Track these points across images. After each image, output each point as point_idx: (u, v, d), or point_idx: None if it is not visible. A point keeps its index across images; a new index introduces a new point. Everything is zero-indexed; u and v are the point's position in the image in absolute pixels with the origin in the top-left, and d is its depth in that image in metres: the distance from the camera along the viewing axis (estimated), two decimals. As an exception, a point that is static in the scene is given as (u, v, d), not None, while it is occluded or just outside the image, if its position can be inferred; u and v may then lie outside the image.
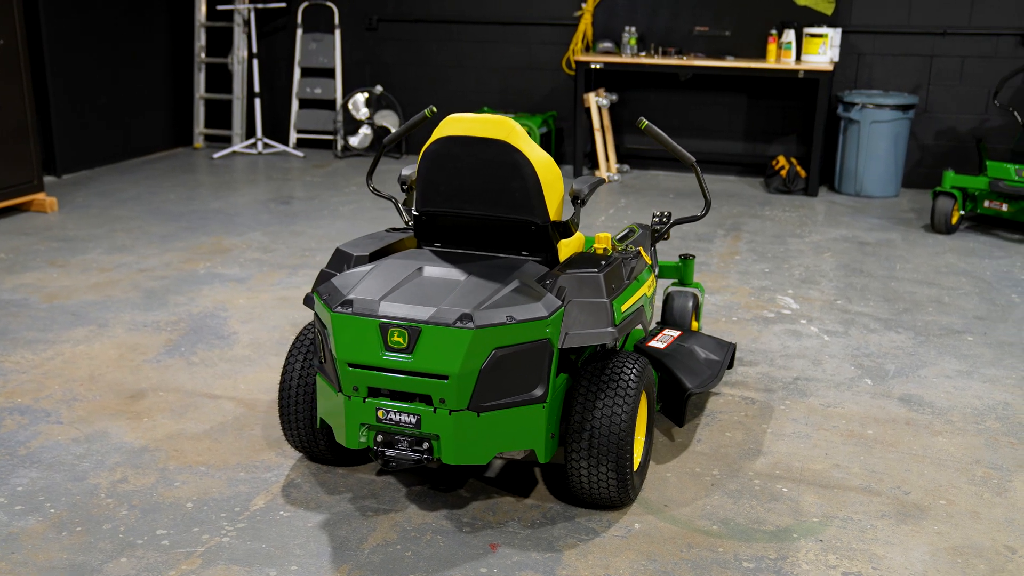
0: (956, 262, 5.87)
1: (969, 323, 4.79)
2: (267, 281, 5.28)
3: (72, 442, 3.44)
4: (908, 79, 7.85)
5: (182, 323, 4.62)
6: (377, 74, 9.09)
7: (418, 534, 2.89)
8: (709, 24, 8.05)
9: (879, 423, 3.68)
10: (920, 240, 6.38)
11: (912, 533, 2.94)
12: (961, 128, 7.84)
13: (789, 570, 2.74)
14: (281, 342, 4.40)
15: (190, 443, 3.44)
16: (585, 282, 2.92)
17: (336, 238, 6.16)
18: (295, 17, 9.14)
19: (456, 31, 8.79)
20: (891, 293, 5.24)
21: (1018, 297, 5.20)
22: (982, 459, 3.41)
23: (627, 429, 2.85)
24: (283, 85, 9.36)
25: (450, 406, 2.68)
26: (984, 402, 3.88)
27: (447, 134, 3.05)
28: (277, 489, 3.14)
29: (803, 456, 3.41)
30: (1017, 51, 7.60)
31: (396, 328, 2.67)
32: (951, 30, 7.66)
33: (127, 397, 3.81)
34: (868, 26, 7.84)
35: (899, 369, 4.19)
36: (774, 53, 7.76)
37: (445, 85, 8.94)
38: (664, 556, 2.80)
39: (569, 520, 2.98)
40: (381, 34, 9.00)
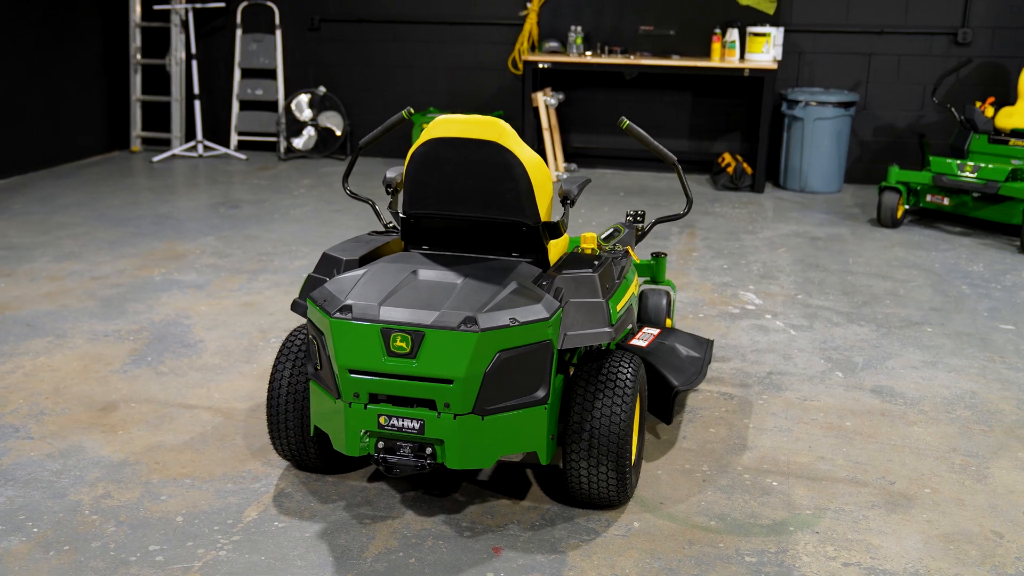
0: (905, 255, 6.02)
1: (926, 315, 4.92)
2: (227, 287, 5.18)
3: (46, 458, 3.33)
4: (847, 77, 8.03)
5: (145, 332, 4.51)
6: (320, 75, 8.98)
7: (419, 540, 2.86)
8: (654, 23, 8.13)
9: (855, 415, 3.75)
10: (868, 234, 6.53)
11: (903, 522, 3.00)
12: (899, 124, 8.05)
13: (791, 563, 2.78)
14: (250, 349, 4.32)
15: (171, 455, 3.36)
16: (581, 282, 2.93)
17: (291, 242, 6.07)
18: (234, 17, 8.98)
19: (401, 31, 8.73)
20: (848, 287, 5.35)
21: (968, 288, 5.36)
22: (958, 447, 3.50)
23: (626, 428, 2.86)
24: (223, 86, 9.19)
25: (455, 410, 2.66)
26: (952, 391, 3.98)
27: (436, 135, 3.02)
28: (268, 499, 3.08)
29: (787, 450, 3.46)
30: (950, 49, 7.83)
31: (399, 333, 2.64)
32: (888, 29, 7.86)
33: (98, 410, 3.70)
34: (808, 25, 8.00)
35: (867, 361, 4.28)
36: (718, 52, 7.87)
37: (390, 86, 8.87)
38: (667, 553, 2.81)
39: (568, 521, 2.98)
40: (324, 34, 8.89)
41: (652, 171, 8.58)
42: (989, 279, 5.53)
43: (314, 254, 5.80)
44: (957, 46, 7.79)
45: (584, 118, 8.58)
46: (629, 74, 8.21)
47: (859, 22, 7.91)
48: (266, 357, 4.23)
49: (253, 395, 3.85)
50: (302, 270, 5.47)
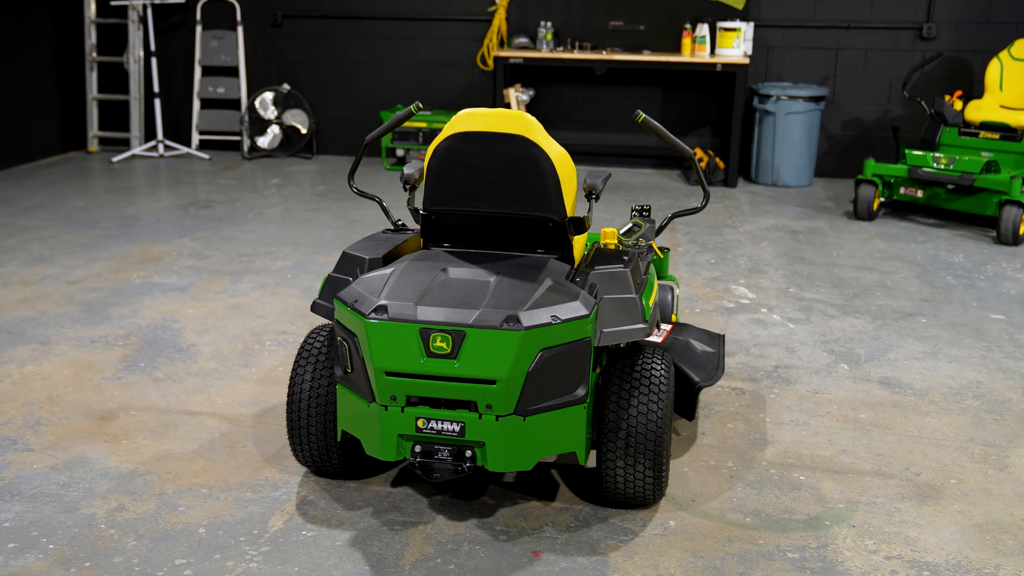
0: (886, 247, 6.07)
1: (918, 306, 4.95)
2: (211, 289, 5.03)
3: (51, 470, 3.18)
4: (815, 71, 8.09)
5: (133, 337, 4.35)
6: (284, 72, 8.81)
7: (455, 546, 2.78)
8: (623, 19, 8.11)
9: (869, 407, 3.75)
10: (846, 227, 6.58)
11: (935, 514, 3.00)
12: (866, 118, 8.13)
13: (833, 558, 2.75)
14: (246, 353, 4.19)
15: (181, 464, 3.23)
16: (614, 278, 2.87)
17: (270, 242, 5.93)
18: (194, 13, 8.77)
19: (366, 27, 8.60)
20: (836, 279, 5.38)
21: (953, 279, 5.42)
22: (975, 437, 3.52)
23: (664, 426, 2.82)
24: (183, 84, 8.97)
25: (497, 411, 2.59)
26: (957, 382, 4.01)
27: (460, 130, 2.94)
28: (291, 507, 2.97)
29: (808, 443, 3.45)
30: (915, 44, 7.93)
31: (438, 333, 2.56)
32: (855, 24, 7.94)
33: (97, 419, 3.56)
34: (776, 20, 8.04)
35: (869, 353, 4.30)
36: (689, 47, 7.88)
37: (356, 83, 8.74)
38: (709, 552, 2.77)
39: (603, 521, 2.92)
40: (287, 31, 8.73)
41: (624, 167, 8.57)
42: (971, 270, 5.60)
43: (295, 254, 5.67)
44: (922, 40, 7.90)
45: (554, 115, 8.53)
46: (599, 70, 8.18)
47: (826, 17, 7.97)
48: (264, 361, 4.11)
49: (257, 400, 3.73)
50: (285, 271, 5.35)
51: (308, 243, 5.93)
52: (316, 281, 5.18)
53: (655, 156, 8.51)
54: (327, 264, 5.48)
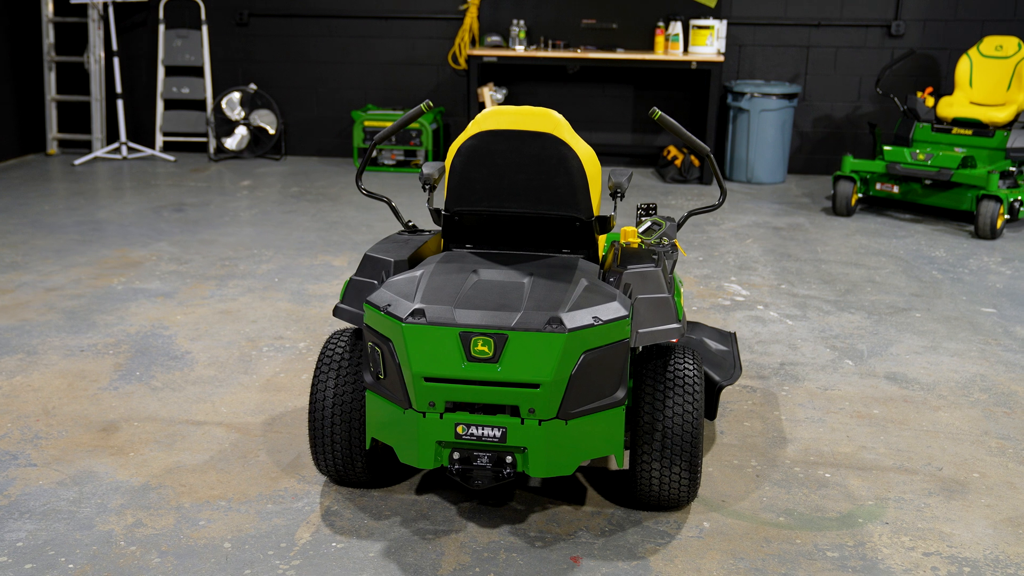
0: (868, 243, 6.12)
1: (909, 300, 4.99)
2: (197, 294, 4.90)
3: (58, 486, 3.05)
4: (787, 69, 8.14)
5: (123, 345, 4.22)
6: (250, 72, 8.65)
7: (491, 554, 2.72)
8: (596, 17, 8.09)
9: (880, 403, 3.76)
10: (826, 223, 6.62)
11: (964, 508, 3.00)
12: (836, 115, 8.20)
13: (872, 556, 2.74)
14: (244, 359, 4.08)
15: (195, 476, 3.12)
16: (647, 278, 2.83)
17: (251, 245, 5.80)
18: (156, 12, 8.57)
19: (334, 26, 8.47)
20: (826, 275, 5.40)
21: (939, 273, 5.47)
22: (988, 430, 3.54)
23: (699, 427, 2.78)
24: (146, 85, 8.77)
25: (540, 416, 2.53)
26: (961, 375, 4.04)
27: (487, 128, 2.88)
28: (316, 519, 2.88)
29: (828, 440, 3.44)
30: (884, 41, 8.02)
31: (480, 336, 2.49)
32: (825, 22, 8.00)
33: (99, 431, 3.43)
34: (748, 18, 8.08)
35: (871, 349, 4.31)
36: (662, 45, 7.88)
37: (325, 82, 8.61)
38: (749, 553, 2.74)
39: (637, 524, 2.88)
40: (253, 30, 8.57)
41: (596, 165, 8.53)
42: (955, 264, 5.66)
43: (279, 257, 5.55)
44: (891, 38, 7.99)
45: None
46: (572, 68, 8.15)
47: (797, 15, 8.03)
48: (263, 367, 4.00)
49: (263, 408, 3.63)
50: (271, 274, 5.23)
51: (290, 246, 5.81)
52: (303, 284, 5.07)
53: (628, 155, 8.50)
54: (313, 267, 5.37)
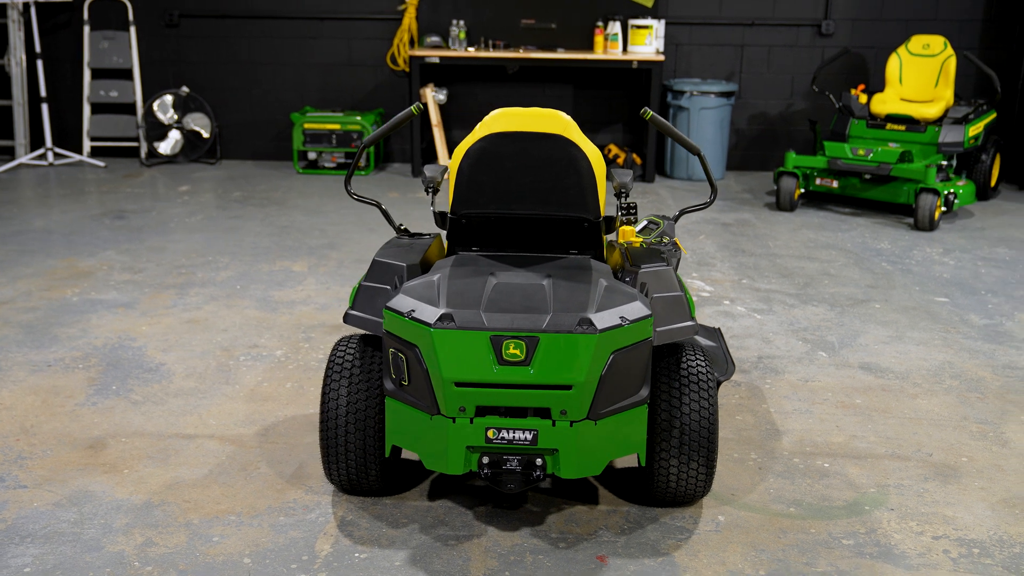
0: (815, 237, 6.28)
1: (866, 292, 5.14)
2: (159, 304, 4.76)
3: (55, 507, 2.94)
4: (722, 68, 8.30)
5: (92, 358, 4.07)
6: (182, 74, 8.43)
7: (517, 557, 2.71)
8: (535, 17, 8.12)
9: (861, 392, 3.86)
10: (771, 218, 6.77)
11: (961, 492, 3.11)
12: (771, 112, 8.39)
13: (886, 542, 2.82)
14: (222, 369, 3.98)
15: (197, 492, 3.04)
16: (661, 277, 2.86)
17: (204, 252, 5.66)
18: (81, 13, 8.29)
19: (269, 27, 8.32)
20: (783, 269, 5.53)
21: (888, 265, 5.65)
22: (967, 415, 3.67)
23: (715, 422, 2.82)
24: (72, 88, 8.47)
25: (571, 417, 2.54)
26: (930, 363, 4.18)
27: (496, 130, 2.87)
28: (333, 529, 2.84)
29: (819, 431, 3.52)
30: (815, 40, 8.24)
31: (511, 340, 2.48)
32: (758, 21, 8.18)
33: (86, 448, 3.31)
34: (684, 18, 8.21)
35: (841, 340, 4.43)
36: (601, 45, 7.95)
37: (260, 84, 8.45)
38: (768, 545, 2.79)
39: (654, 521, 2.91)
40: (184, 31, 8.35)
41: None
42: (901, 255, 5.85)
43: (236, 264, 5.43)
44: (821, 37, 8.21)
45: (466, 114, 8.46)
46: (512, 68, 8.16)
47: (732, 14, 8.19)
48: (244, 377, 3.91)
49: (253, 419, 3.55)
50: (231, 281, 5.11)
51: (245, 252, 5.69)
52: (268, 291, 4.97)
53: (568, 153, 8.54)
54: (273, 273, 5.27)
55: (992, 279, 5.39)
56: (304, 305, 4.77)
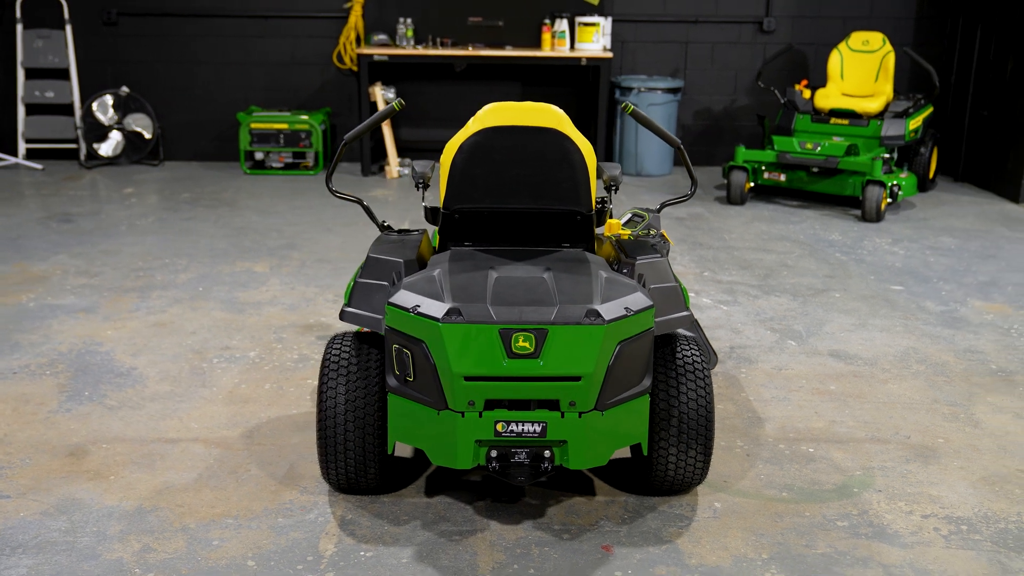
0: (768, 229, 6.40)
1: (825, 282, 5.26)
2: (121, 308, 4.65)
3: (43, 516, 2.86)
4: (667, 65, 8.40)
5: (59, 364, 3.97)
6: (121, 74, 8.24)
7: (523, 550, 2.72)
8: (482, 15, 8.12)
9: (833, 379, 3.96)
10: (723, 212, 6.88)
11: (942, 472, 3.21)
12: (715, 108, 8.53)
13: (879, 523, 2.89)
14: (197, 372, 3.91)
15: (189, 496, 2.99)
16: (656, 267, 2.89)
17: (159, 254, 5.54)
18: (13, 10, 8.05)
19: (212, 25, 8.18)
20: (741, 261, 5.62)
21: (842, 256, 5.78)
22: (937, 398, 3.79)
23: (712, 411, 2.86)
24: (5, 89, 8.22)
25: (580, 408, 2.55)
26: (895, 349, 4.29)
27: (490, 124, 2.87)
28: (335, 529, 2.81)
29: (799, 417, 3.60)
30: (756, 37, 8.39)
31: (521, 332, 2.49)
32: (702, 19, 8.30)
33: (67, 455, 3.22)
34: (630, 15, 8.29)
35: (807, 329, 4.52)
36: (549, 42, 7.99)
37: (203, 84, 8.30)
38: (766, 529, 2.85)
39: (652, 510, 2.94)
40: (123, 29, 8.17)
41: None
42: (852, 246, 6.00)
43: (195, 266, 5.33)
44: (763, 33, 8.36)
45: (414, 113, 8.43)
46: (459, 66, 8.16)
47: (676, 12, 8.29)
48: (220, 379, 3.85)
49: (236, 421, 3.49)
50: (193, 283, 5.02)
51: (202, 254, 5.59)
52: (232, 293, 4.89)
53: (516, 151, 8.56)
54: (235, 275, 5.19)
55: (941, 267, 5.55)
56: (271, 306, 4.71)
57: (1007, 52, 7.47)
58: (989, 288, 5.17)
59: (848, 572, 2.65)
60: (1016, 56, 7.35)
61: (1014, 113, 7.35)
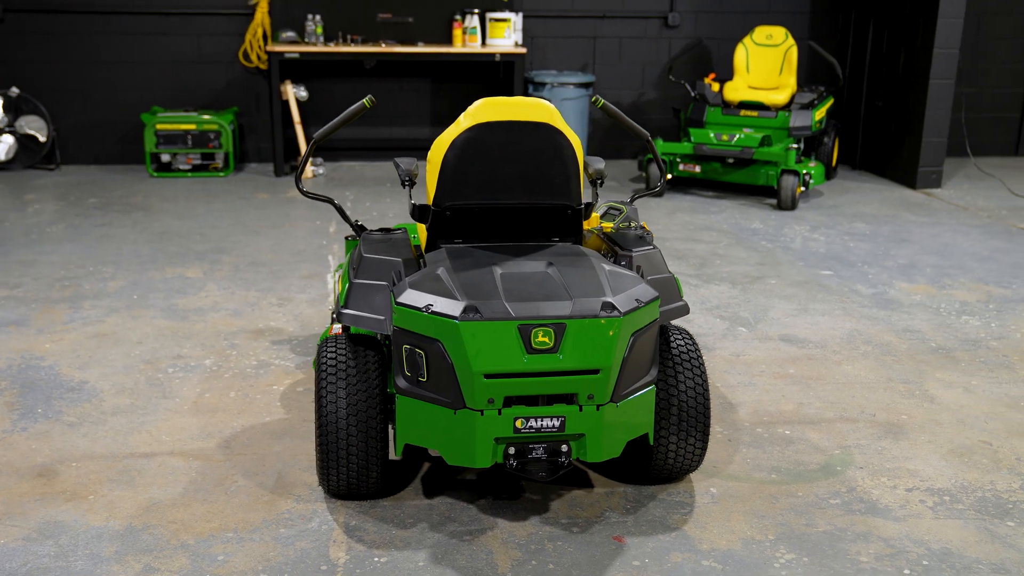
0: (691, 220, 6.54)
1: (758, 269, 5.41)
2: (55, 320, 4.43)
3: (27, 542, 2.70)
4: (576, 60, 8.49)
5: (2, 382, 3.75)
6: (10, 74, 7.82)
7: (537, 546, 2.72)
8: (392, 11, 8.04)
9: (791, 363, 4.08)
10: (644, 203, 6.99)
11: (912, 447, 3.35)
12: (624, 102, 8.66)
13: (868, 498, 3.00)
14: (153, 383, 3.76)
15: (180, 512, 2.87)
16: (651, 259, 2.93)
17: (82, 263, 5.30)
18: None
19: (108, 22, 7.85)
20: (674, 252, 5.73)
21: (768, 243, 5.96)
22: (891, 377, 3.95)
23: (708, 399, 2.92)
24: None
25: (598, 401, 2.57)
26: (839, 332, 4.45)
27: (484, 120, 2.85)
28: (341, 536, 2.75)
29: (768, 401, 3.70)
30: (662, 32, 8.56)
31: (540, 328, 2.48)
32: (609, 14, 8.42)
33: (35, 476, 3.06)
34: (539, 11, 8.34)
35: (754, 316, 4.65)
36: (460, 38, 7.97)
37: (101, 84, 7.95)
38: (766, 510, 2.92)
39: (653, 499, 2.98)
40: (9, 27, 7.76)
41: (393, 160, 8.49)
42: (775, 234, 6.19)
43: (123, 274, 5.11)
44: (668, 28, 8.54)
45: (323, 110, 8.28)
46: (369, 63, 8.06)
47: (584, 7, 8.38)
48: (181, 389, 3.71)
49: (208, 431, 3.37)
50: (126, 292, 4.81)
51: (128, 260, 5.36)
52: (170, 300, 4.72)
53: (426, 148, 8.52)
54: (168, 281, 5.00)
55: (862, 252, 5.78)
56: (215, 312, 4.56)
57: (899, 45, 7.83)
58: (910, 270, 5.41)
59: (853, 547, 2.74)
60: (908, 49, 7.71)
61: (907, 103, 7.72)
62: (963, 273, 5.36)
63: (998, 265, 5.52)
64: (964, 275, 5.32)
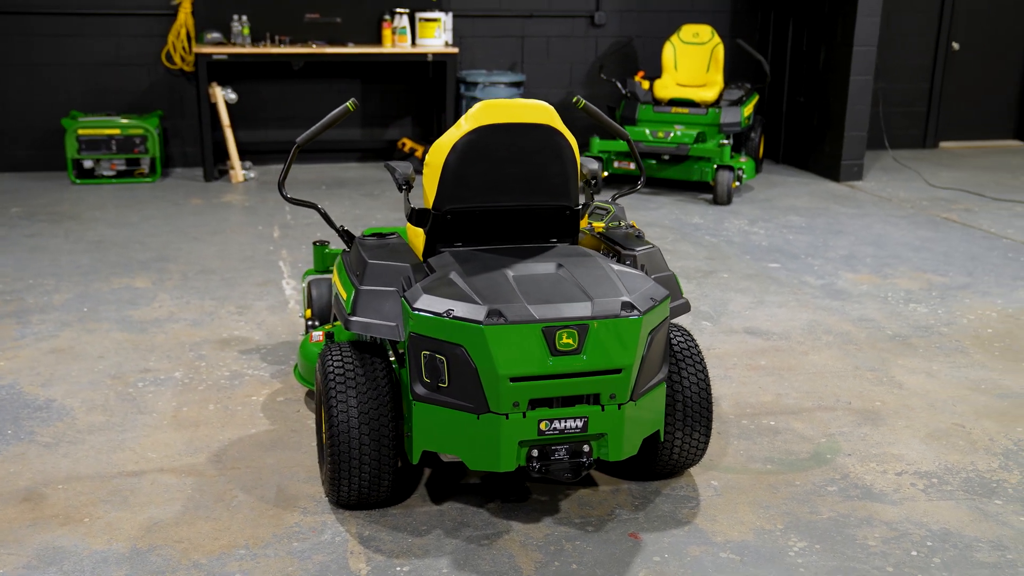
0: (632, 216, 6.63)
1: (709, 264, 5.52)
2: (4, 336, 4.24)
3: (27, 570, 2.59)
4: (505, 59, 8.51)
5: (-38, 403, 3.58)
6: (-83, 79, 7.45)
7: (556, 547, 2.73)
8: (319, 11, 7.92)
9: (760, 354, 4.18)
10: (584, 202, 7.05)
11: (892, 432, 3.47)
12: (552, 101, 8.71)
13: (862, 483, 3.10)
14: (126, 398, 3.64)
15: (184, 530, 2.79)
16: (653, 258, 2.96)
17: (20, 276, 5.08)
18: None
19: (18, 23, 7.52)
20: (624, 249, 5.80)
21: (712, 238, 6.08)
22: (858, 365, 4.08)
23: (710, 393, 2.97)
24: None
25: (619, 400, 2.59)
26: (799, 323, 4.58)
27: (485, 123, 2.84)
28: (357, 547, 2.71)
29: (747, 393, 3.78)
30: (588, 31, 8.64)
31: (564, 329, 2.49)
32: (537, 13, 8.46)
33: (21, 501, 2.93)
34: (467, 10, 8.32)
35: (715, 309, 4.74)
36: (390, 38, 7.90)
37: (15, 89, 7.62)
38: (769, 500, 2.99)
39: (658, 494, 3.02)
40: (-84, 30, 7.38)
41: (330, 162, 8.37)
42: (716, 228, 6.32)
43: (68, 286, 4.92)
44: (594, 27, 8.62)
45: (249, 113, 8.11)
46: (296, 64, 7.93)
47: (511, 7, 8.40)
48: (156, 404, 3.60)
49: (195, 446, 3.28)
50: (75, 304, 4.64)
51: (68, 272, 5.16)
52: (123, 311, 4.56)
53: (359, 149, 8.43)
54: (117, 292, 4.83)
55: (802, 244, 5.95)
56: (173, 323, 4.43)
57: (819, 43, 8.07)
58: (852, 261, 5.59)
59: (859, 533, 2.83)
60: (828, 47, 7.96)
61: (827, 99, 7.97)
62: (901, 262, 5.56)
63: (931, 254, 5.75)
64: (903, 264, 5.52)
